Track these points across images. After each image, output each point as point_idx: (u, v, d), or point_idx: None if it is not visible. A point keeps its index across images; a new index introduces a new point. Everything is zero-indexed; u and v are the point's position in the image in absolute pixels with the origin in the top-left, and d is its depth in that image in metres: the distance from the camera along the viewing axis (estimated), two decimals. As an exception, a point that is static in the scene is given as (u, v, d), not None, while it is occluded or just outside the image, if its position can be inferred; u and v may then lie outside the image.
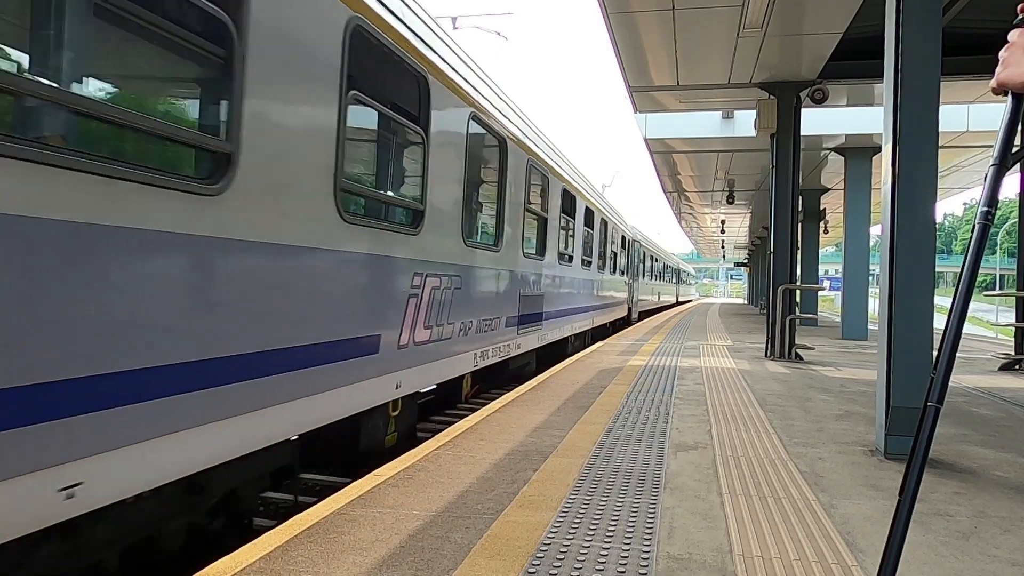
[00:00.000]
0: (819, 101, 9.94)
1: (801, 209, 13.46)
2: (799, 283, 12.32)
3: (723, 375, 7.92)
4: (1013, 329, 10.33)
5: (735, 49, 8.87)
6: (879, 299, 4.51)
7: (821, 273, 27.39)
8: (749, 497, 3.32)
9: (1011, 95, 1.36)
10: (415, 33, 4.66)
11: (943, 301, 2.46)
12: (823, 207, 20.54)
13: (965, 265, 1.37)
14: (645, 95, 11.23)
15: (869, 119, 12.84)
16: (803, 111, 10.24)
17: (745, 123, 12.99)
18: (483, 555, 2.53)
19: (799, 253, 11.94)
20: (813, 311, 19.02)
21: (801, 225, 13.96)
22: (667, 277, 34.67)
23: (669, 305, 35.37)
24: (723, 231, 33.39)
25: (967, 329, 1.75)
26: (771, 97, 10.20)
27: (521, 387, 6.62)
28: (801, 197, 12.02)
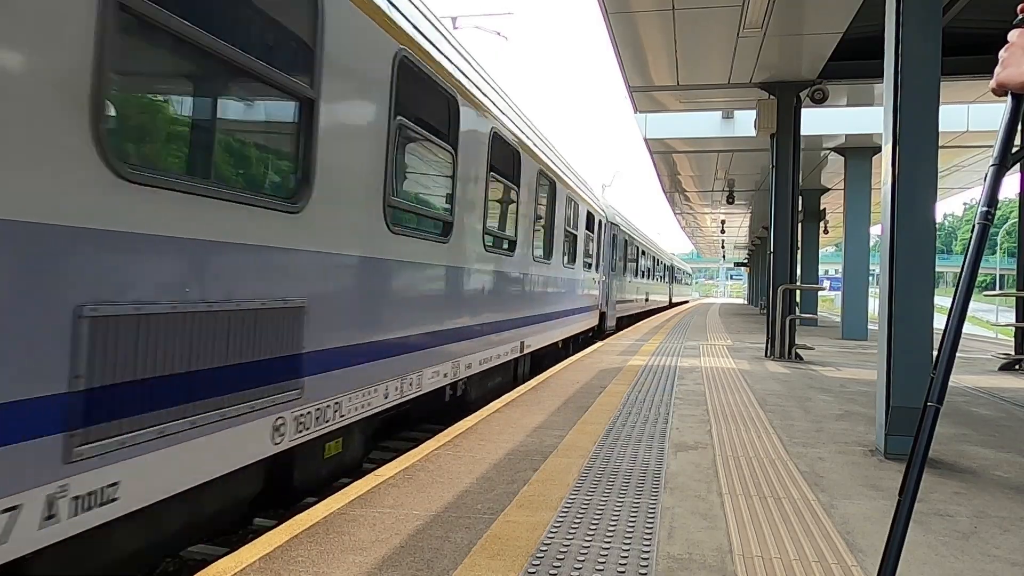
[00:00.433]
0: (819, 101, 9.95)
1: (801, 209, 13.47)
2: (799, 283, 12.32)
3: (723, 375, 7.92)
4: (1013, 329, 10.33)
5: (735, 49, 8.87)
6: (879, 299, 4.51)
7: (821, 273, 27.38)
8: (749, 497, 3.32)
9: (1011, 95, 1.36)
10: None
11: (943, 301, 2.46)
12: (823, 207, 20.54)
13: (965, 265, 1.37)
14: (645, 95, 11.23)
15: (869, 119, 12.84)
16: (803, 111, 10.24)
17: (745, 123, 12.98)
18: (483, 555, 2.53)
19: (799, 253, 11.93)
20: (813, 311, 19.02)
21: (801, 225, 13.97)
22: (658, 274, 29.63)
23: (660, 308, 30.60)
24: (723, 231, 33.40)
25: (967, 329, 1.75)
26: (771, 97, 10.20)
27: (521, 387, 6.62)
28: (801, 197, 12.02)
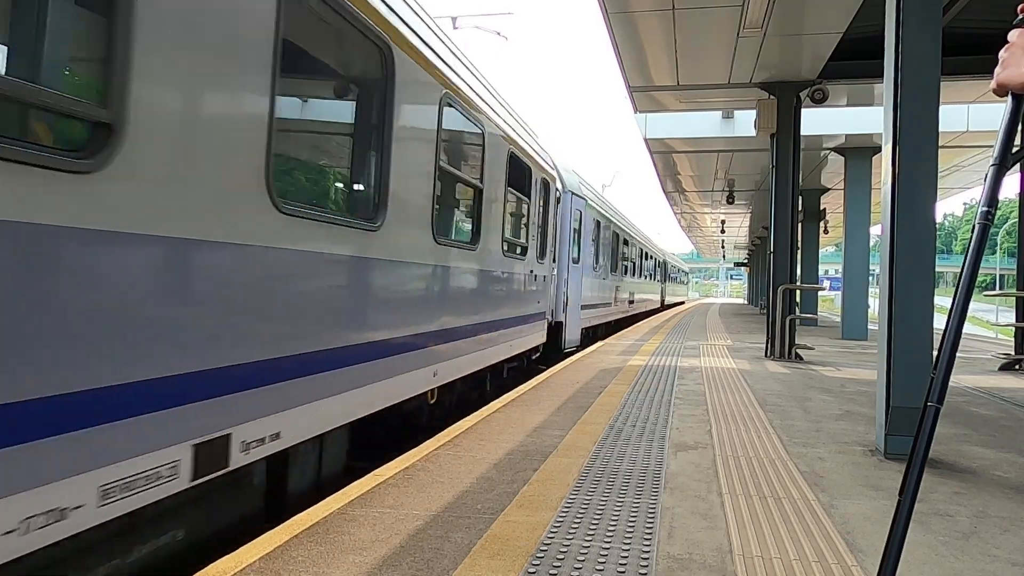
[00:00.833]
0: (819, 101, 9.95)
1: (801, 209, 13.47)
2: (799, 283, 12.31)
3: (723, 375, 7.92)
4: (1013, 329, 10.33)
5: (735, 49, 8.87)
6: (879, 299, 4.51)
7: (821, 273, 27.37)
8: (749, 497, 3.32)
9: (1011, 95, 1.36)
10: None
11: (943, 301, 2.46)
12: (823, 207, 20.54)
13: (965, 265, 1.37)
14: (645, 95, 11.23)
15: (869, 119, 12.84)
16: (803, 111, 10.23)
17: (745, 123, 12.98)
18: (483, 555, 2.53)
19: (799, 253, 11.93)
20: (813, 311, 19.02)
21: (801, 225, 13.96)
22: (646, 271, 24.25)
23: (649, 312, 25.57)
24: (723, 231, 33.40)
25: (967, 329, 1.75)
26: (771, 97, 10.20)
27: (521, 387, 6.62)
28: (801, 197, 12.02)
